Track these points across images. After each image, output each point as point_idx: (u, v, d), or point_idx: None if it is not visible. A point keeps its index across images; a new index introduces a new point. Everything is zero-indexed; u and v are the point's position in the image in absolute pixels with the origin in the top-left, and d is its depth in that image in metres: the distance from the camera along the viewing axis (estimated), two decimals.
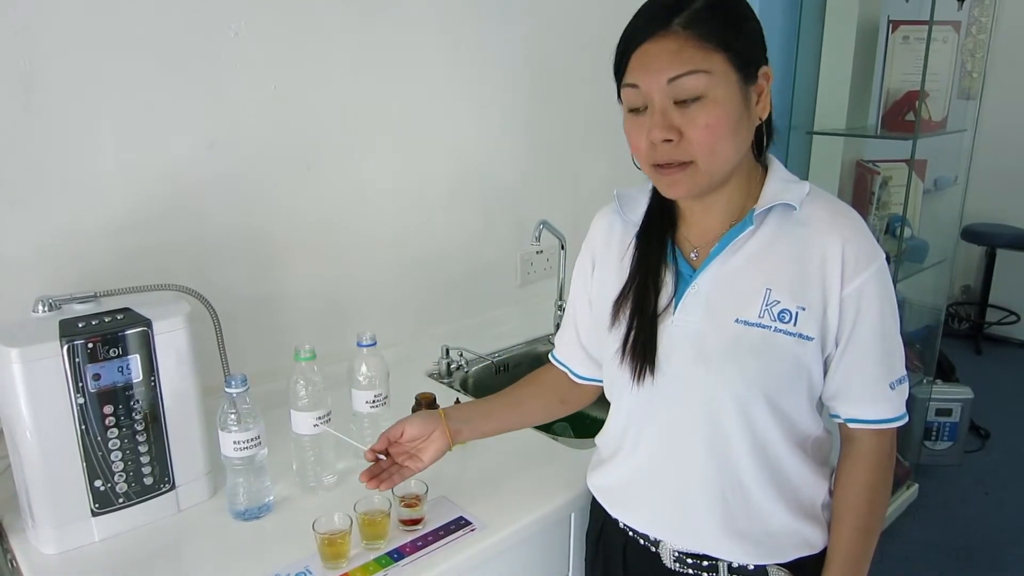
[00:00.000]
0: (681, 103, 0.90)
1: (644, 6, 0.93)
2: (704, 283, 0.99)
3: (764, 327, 0.95)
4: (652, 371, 1.01)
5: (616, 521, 1.14)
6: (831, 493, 1.06)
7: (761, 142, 1.02)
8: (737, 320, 0.96)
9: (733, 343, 0.96)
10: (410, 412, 1.39)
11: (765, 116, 0.96)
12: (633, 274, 1.05)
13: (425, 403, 1.38)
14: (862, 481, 1.01)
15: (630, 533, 1.12)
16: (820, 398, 1.02)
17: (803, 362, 0.96)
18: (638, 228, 1.07)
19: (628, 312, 1.04)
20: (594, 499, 1.18)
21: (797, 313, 0.94)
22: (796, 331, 0.95)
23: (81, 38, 1.26)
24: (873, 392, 0.98)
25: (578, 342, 1.19)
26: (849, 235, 0.94)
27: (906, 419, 1.00)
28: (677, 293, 1.01)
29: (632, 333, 1.03)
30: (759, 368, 0.96)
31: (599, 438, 1.17)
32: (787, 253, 0.96)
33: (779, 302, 0.95)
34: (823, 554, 1.05)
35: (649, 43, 0.90)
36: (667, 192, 0.98)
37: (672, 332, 1.00)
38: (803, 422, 1.00)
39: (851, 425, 1.01)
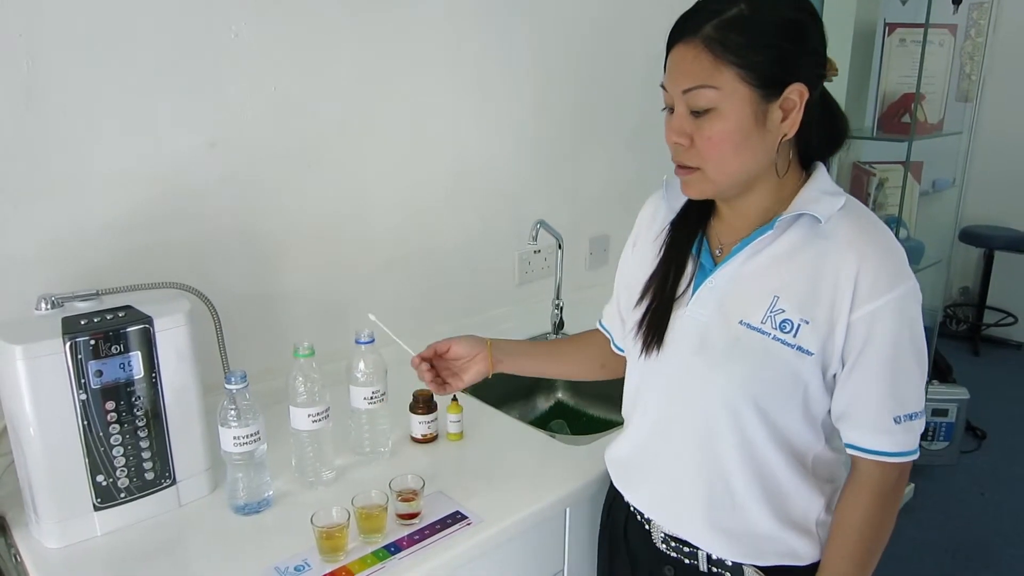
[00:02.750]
0: (695, 112, 0.93)
1: (694, 4, 0.94)
2: (721, 280, 1.01)
3: (764, 333, 0.96)
4: (659, 347, 1.05)
5: (622, 495, 1.18)
6: (828, 511, 1.05)
7: (807, 152, 1.00)
8: (741, 322, 0.98)
9: (732, 343, 0.98)
10: (408, 409, 1.41)
11: (792, 133, 0.93)
12: (661, 260, 1.09)
13: (423, 399, 1.40)
14: (856, 510, 1.00)
15: (631, 508, 1.16)
16: (830, 416, 1.01)
17: (800, 375, 0.95)
18: (674, 216, 1.10)
19: (652, 292, 1.08)
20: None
21: (799, 325, 0.94)
22: (795, 343, 0.94)
23: (82, 38, 1.27)
24: (875, 422, 0.96)
25: (619, 314, 1.23)
26: (870, 256, 0.92)
27: (912, 457, 0.97)
28: (695, 284, 1.04)
29: (650, 312, 1.07)
30: (750, 372, 0.97)
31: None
32: (804, 264, 0.95)
33: (783, 311, 0.95)
34: (811, 568, 1.05)
35: (679, 46, 0.93)
36: (682, 191, 1.01)
37: (684, 320, 1.03)
38: (798, 436, 1.00)
39: (849, 451, 1.00)
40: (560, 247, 1.92)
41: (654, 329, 1.06)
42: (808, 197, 0.97)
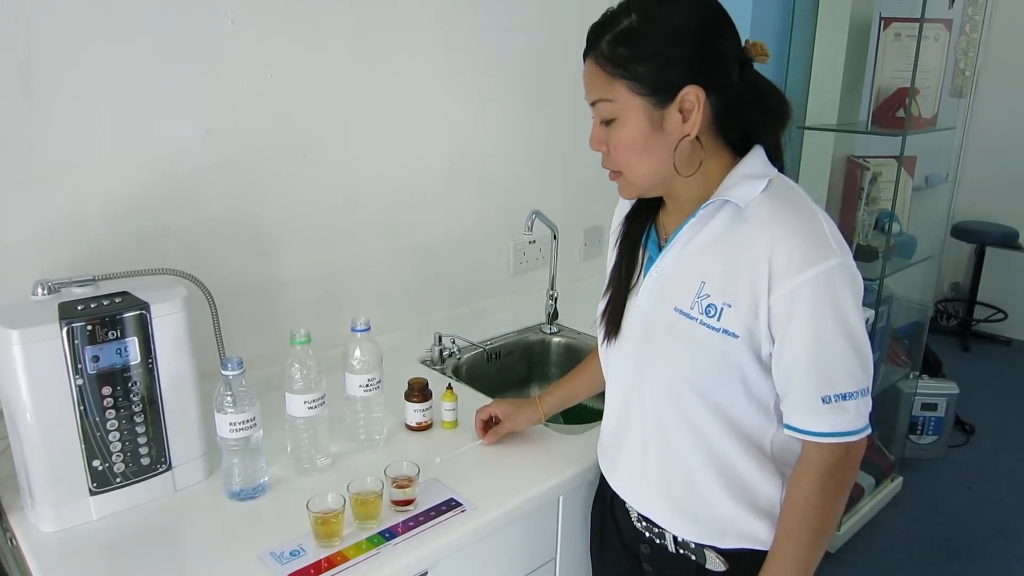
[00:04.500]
0: (604, 122, 1.00)
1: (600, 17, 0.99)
2: (663, 268, 1.05)
3: (692, 319, 0.99)
4: (616, 335, 1.10)
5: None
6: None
7: (745, 137, 1.02)
8: (675, 308, 1.01)
9: (668, 330, 1.02)
10: (403, 397, 1.41)
11: (694, 133, 0.96)
12: (617, 251, 1.14)
13: (417, 387, 1.40)
14: (799, 492, 1.00)
15: (613, 488, 1.19)
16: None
17: (731, 358, 0.97)
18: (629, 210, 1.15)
19: (611, 284, 1.13)
20: None
21: (722, 309, 0.96)
22: (720, 327, 0.96)
23: (79, 24, 1.27)
24: (804, 402, 0.96)
25: None
26: (783, 237, 0.92)
27: (849, 438, 0.96)
28: (645, 273, 1.08)
29: (610, 303, 1.12)
30: (684, 358, 1.00)
31: None
32: (726, 249, 0.98)
33: (708, 296, 0.98)
34: None
35: (586, 61, 1.00)
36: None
37: (634, 308, 1.08)
38: (747, 420, 1.01)
39: (786, 431, 1.00)
40: (555, 238, 1.93)
41: (611, 318, 1.11)
42: (729, 183, 0.98)
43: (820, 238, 0.93)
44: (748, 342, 0.96)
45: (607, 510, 1.24)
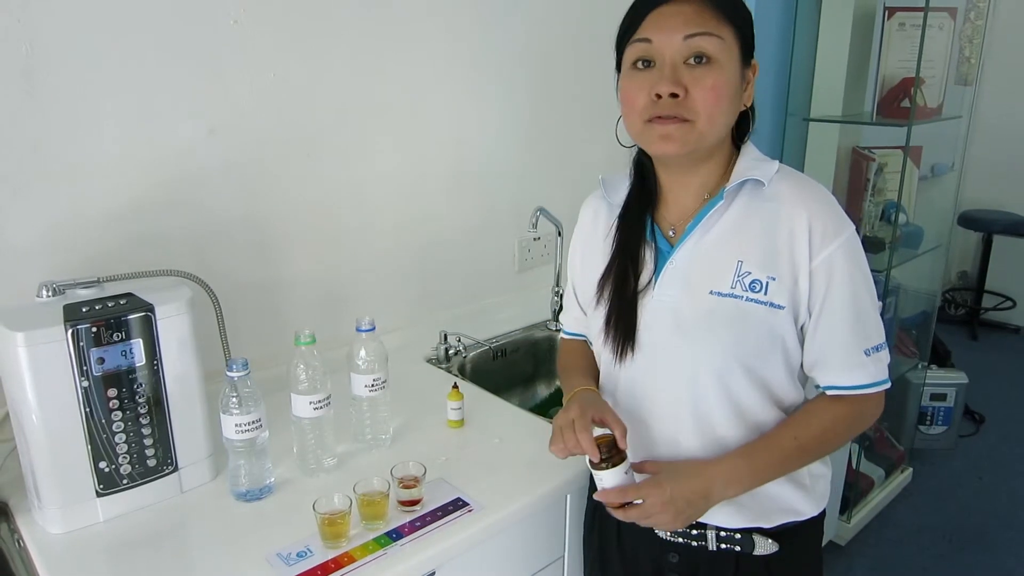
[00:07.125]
0: (690, 63, 0.95)
1: None
2: (681, 258, 1.04)
3: (736, 297, 1.00)
4: (633, 349, 1.07)
5: None
6: (821, 462, 1.10)
7: (743, 129, 1.07)
8: (712, 292, 1.01)
9: (708, 315, 1.01)
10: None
11: (749, 104, 1.03)
12: (615, 254, 1.10)
13: (604, 446, 1.24)
14: (824, 416, 1.04)
15: None
16: (803, 368, 1.05)
17: (776, 330, 1.00)
18: (619, 210, 1.12)
19: (610, 291, 1.09)
20: None
21: (767, 283, 0.99)
22: (767, 300, 0.99)
23: (82, 24, 1.26)
24: (848, 360, 1.01)
25: (584, 318, 1.21)
26: (815, 208, 0.98)
27: (885, 386, 1.04)
28: (657, 269, 1.06)
29: (614, 312, 1.08)
30: (733, 337, 1.00)
31: None
32: (757, 227, 1.00)
33: (750, 273, 0.99)
34: (810, 521, 1.09)
35: (666, 6, 0.96)
36: (658, 147, 0.99)
37: (653, 307, 1.05)
38: (783, 390, 1.04)
39: (829, 392, 1.04)
40: (560, 234, 1.92)
41: (624, 332, 1.07)
42: (745, 166, 1.03)
43: (839, 208, 1.01)
44: (791, 312, 0.99)
45: (610, 531, 1.19)
